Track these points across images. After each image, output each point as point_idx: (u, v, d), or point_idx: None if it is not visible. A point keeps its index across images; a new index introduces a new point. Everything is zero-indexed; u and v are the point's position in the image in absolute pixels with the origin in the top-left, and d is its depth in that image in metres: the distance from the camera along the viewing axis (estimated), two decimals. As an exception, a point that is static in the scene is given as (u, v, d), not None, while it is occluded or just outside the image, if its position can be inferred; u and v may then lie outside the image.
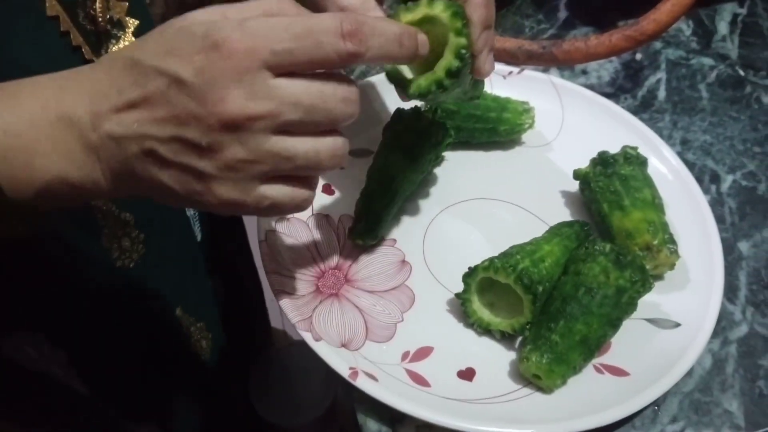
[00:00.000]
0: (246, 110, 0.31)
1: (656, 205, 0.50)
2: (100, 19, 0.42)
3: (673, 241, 0.49)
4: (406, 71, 0.43)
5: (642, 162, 0.53)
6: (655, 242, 0.48)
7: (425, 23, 0.40)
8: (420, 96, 0.42)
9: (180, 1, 0.54)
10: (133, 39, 0.44)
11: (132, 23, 0.45)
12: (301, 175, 0.35)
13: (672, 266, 0.49)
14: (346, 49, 0.32)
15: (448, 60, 0.40)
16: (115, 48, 0.44)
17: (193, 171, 0.32)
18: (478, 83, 0.48)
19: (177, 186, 0.33)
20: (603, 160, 0.52)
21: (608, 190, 0.51)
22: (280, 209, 0.35)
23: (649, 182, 0.52)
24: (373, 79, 0.63)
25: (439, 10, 0.40)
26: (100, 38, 0.43)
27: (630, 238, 0.49)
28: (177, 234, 0.54)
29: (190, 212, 0.56)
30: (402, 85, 0.42)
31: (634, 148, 0.53)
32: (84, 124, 0.32)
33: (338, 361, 0.44)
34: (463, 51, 0.40)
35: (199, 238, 0.57)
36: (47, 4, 0.38)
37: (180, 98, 0.31)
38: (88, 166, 0.33)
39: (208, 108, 0.31)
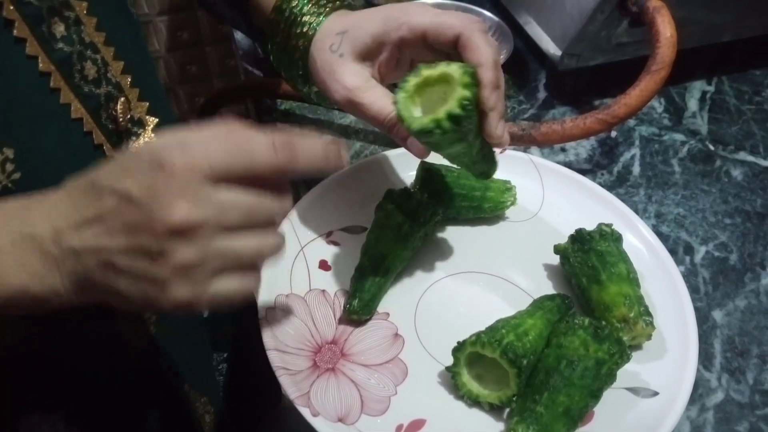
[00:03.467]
0: (190, 217, 0.34)
1: (631, 279, 0.54)
2: (120, 119, 0.45)
3: (648, 313, 0.52)
4: (417, 111, 0.46)
5: (617, 238, 0.56)
6: (631, 315, 0.51)
7: (442, 83, 0.45)
8: (421, 133, 0.44)
9: (182, 71, 0.57)
10: (153, 135, 0.48)
11: (152, 121, 0.48)
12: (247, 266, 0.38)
13: (649, 337, 0.52)
14: (277, 161, 0.36)
15: (450, 105, 0.43)
16: (135, 144, 0.47)
17: (147, 277, 0.35)
18: (488, 156, 0.52)
19: (134, 292, 0.36)
20: (580, 237, 0.56)
21: (586, 265, 0.55)
22: (233, 300, 0.38)
23: (624, 257, 0.55)
24: (366, 161, 0.67)
25: (454, 69, 0.44)
26: (121, 136, 0.46)
27: (608, 310, 0.52)
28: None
29: None
30: (404, 121, 0.45)
31: (609, 225, 0.57)
32: (45, 240, 0.35)
33: (335, 436, 0.46)
34: (466, 102, 0.43)
35: (205, 314, 0.60)
36: (72, 107, 0.41)
37: (130, 211, 0.34)
38: (48, 278, 0.36)
39: (155, 218, 0.34)
